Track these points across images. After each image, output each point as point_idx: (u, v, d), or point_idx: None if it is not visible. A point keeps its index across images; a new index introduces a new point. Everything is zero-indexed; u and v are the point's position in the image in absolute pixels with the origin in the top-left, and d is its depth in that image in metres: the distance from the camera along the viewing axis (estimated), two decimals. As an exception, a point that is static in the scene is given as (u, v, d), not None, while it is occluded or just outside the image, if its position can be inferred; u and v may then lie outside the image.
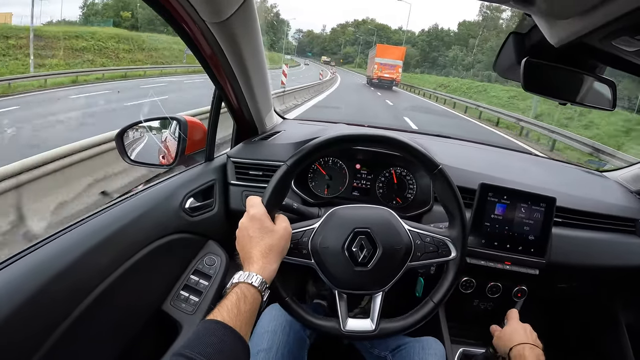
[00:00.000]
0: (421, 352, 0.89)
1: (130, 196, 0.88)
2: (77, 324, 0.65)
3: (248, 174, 1.10)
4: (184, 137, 1.05)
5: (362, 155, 1.17)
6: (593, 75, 0.83)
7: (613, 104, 0.86)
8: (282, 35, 75.73)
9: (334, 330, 0.76)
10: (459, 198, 0.77)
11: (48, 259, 0.65)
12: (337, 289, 0.77)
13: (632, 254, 1.17)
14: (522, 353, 0.79)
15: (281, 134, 1.26)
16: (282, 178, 0.74)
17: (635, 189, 1.32)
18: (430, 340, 0.93)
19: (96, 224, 0.76)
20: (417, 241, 0.78)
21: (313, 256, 0.76)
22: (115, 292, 0.74)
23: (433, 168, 0.77)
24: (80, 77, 15.52)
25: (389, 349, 0.95)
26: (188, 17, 0.73)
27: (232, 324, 0.55)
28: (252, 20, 0.82)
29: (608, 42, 0.62)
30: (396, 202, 1.18)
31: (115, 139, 1.05)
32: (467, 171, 1.13)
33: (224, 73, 0.91)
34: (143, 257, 0.82)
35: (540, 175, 1.29)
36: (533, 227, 1.03)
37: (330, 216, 0.79)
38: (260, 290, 0.62)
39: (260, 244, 0.67)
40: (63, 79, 14.70)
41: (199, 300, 0.92)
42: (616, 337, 1.34)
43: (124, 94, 12.06)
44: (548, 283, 1.17)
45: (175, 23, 0.74)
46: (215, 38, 0.79)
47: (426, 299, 0.81)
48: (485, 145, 1.65)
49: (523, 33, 0.83)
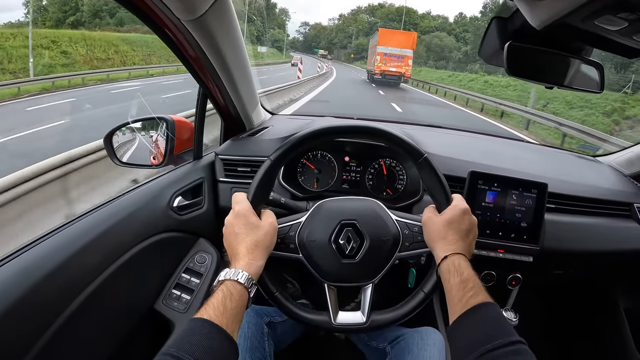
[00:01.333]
0: (420, 343, 0.88)
1: (118, 196, 0.89)
2: (68, 324, 0.66)
3: (236, 170, 1.11)
4: (172, 136, 1.05)
5: (350, 147, 1.17)
6: (579, 57, 0.82)
7: (601, 86, 0.86)
8: (273, 24, 68.19)
9: (325, 324, 0.76)
10: (446, 186, 0.76)
11: (38, 260, 0.66)
12: (326, 282, 0.77)
13: (628, 238, 1.15)
14: (458, 264, 0.66)
15: (269, 129, 1.25)
16: (267, 173, 0.74)
17: (629, 172, 1.31)
18: (429, 330, 0.92)
19: (85, 224, 0.77)
20: (405, 231, 0.78)
21: (300, 250, 0.76)
22: (106, 292, 0.75)
23: (418, 157, 0.77)
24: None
25: (387, 341, 0.95)
26: (164, 15, 0.73)
27: (219, 321, 0.55)
28: (229, 15, 0.81)
29: (591, 22, 0.61)
30: (386, 194, 1.18)
31: (104, 141, 1.05)
32: (457, 160, 1.12)
33: (206, 71, 0.91)
34: (133, 257, 0.82)
35: (532, 162, 1.28)
36: (525, 213, 1.02)
37: (316, 209, 0.79)
38: (247, 286, 0.62)
39: (246, 240, 0.67)
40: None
41: (190, 299, 0.93)
42: (615, 322, 1.33)
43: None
44: (543, 270, 1.16)
45: (151, 23, 0.74)
46: (193, 36, 0.78)
47: (417, 289, 0.80)
48: (476, 133, 1.64)
49: (505, 17, 0.82)
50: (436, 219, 0.73)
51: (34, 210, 2.26)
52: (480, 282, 0.64)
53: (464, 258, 0.67)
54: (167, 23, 0.75)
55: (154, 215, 0.91)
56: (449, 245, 0.69)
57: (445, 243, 0.70)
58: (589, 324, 1.47)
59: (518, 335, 0.56)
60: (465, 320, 0.60)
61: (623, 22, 0.57)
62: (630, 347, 1.29)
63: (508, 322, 0.59)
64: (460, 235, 0.71)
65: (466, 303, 0.61)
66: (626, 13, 0.54)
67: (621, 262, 1.24)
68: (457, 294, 0.63)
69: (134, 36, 22.56)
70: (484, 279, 1.08)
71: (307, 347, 1.27)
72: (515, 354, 0.53)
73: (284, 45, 71.61)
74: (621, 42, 0.66)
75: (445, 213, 0.73)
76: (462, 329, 0.60)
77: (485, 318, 0.59)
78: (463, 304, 0.61)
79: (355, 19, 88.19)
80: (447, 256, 0.68)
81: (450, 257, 0.67)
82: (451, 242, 0.70)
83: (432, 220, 0.74)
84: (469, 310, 0.60)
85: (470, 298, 0.61)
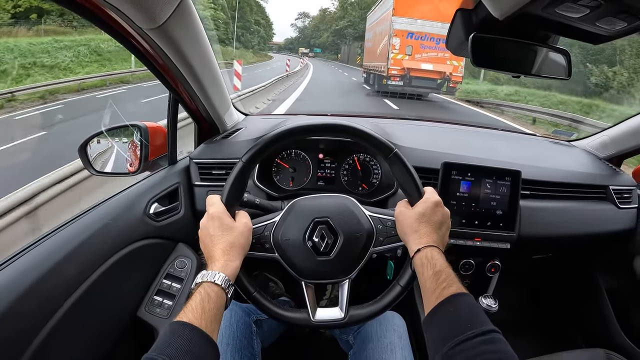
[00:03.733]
0: (379, 329, 0.89)
1: (93, 207, 0.88)
2: (50, 338, 0.66)
3: (211, 173, 1.11)
4: (145, 143, 1.04)
5: (324, 144, 1.17)
6: (546, 45, 0.83)
7: (568, 72, 0.86)
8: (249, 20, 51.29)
9: (304, 322, 0.77)
10: (417, 179, 0.77)
11: (15, 277, 0.65)
12: (303, 279, 0.78)
13: (604, 220, 1.17)
14: (430, 257, 0.66)
15: (242, 130, 1.25)
16: (239, 174, 0.74)
17: (603, 155, 1.32)
18: (389, 315, 0.93)
19: (61, 237, 0.77)
20: (379, 226, 0.78)
21: (276, 249, 0.76)
22: (87, 303, 0.75)
23: (388, 152, 0.77)
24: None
25: (351, 332, 0.96)
26: (126, 25, 0.72)
27: (198, 323, 0.55)
28: (192, 21, 0.80)
29: (552, 10, 0.61)
30: (362, 189, 1.18)
31: (78, 152, 1.04)
32: (430, 152, 1.13)
33: (174, 77, 0.90)
34: (112, 266, 0.83)
35: (507, 150, 1.29)
36: (500, 201, 1.04)
37: (290, 208, 0.79)
38: (224, 287, 0.62)
39: (221, 242, 0.67)
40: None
41: (172, 304, 0.93)
42: (597, 304, 1.36)
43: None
44: (522, 256, 1.18)
45: (114, 32, 0.74)
46: (157, 44, 0.78)
47: (393, 282, 0.81)
48: (449, 124, 1.64)
49: (470, 9, 0.82)
50: (408, 213, 0.73)
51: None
52: (453, 273, 0.64)
53: (437, 250, 0.67)
54: (131, 32, 0.74)
55: (130, 224, 0.91)
56: (422, 238, 0.69)
57: (417, 236, 0.70)
58: (572, 306, 1.50)
59: (492, 325, 0.56)
60: (438, 312, 0.60)
61: (584, 8, 0.57)
62: (614, 326, 1.32)
63: (482, 311, 0.59)
64: (433, 228, 0.71)
65: (440, 295, 0.61)
66: (586, 0, 0.54)
67: (599, 244, 1.27)
68: (430, 286, 0.63)
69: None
70: (462, 267, 1.10)
71: (293, 342, 1.28)
72: (489, 343, 0.53)
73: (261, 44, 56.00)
74: (585, 28, 0.66)
75: (417, 206, 0.73)
76: (436, 321, 0.60)
77: (459, 309, 0.59)
78: (437, 295, 0.61)
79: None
80: (420, 249, 0.68)
81: (423, 250, 0.67)
82: (423, 234, 0.70)
83: (404, 214, 0.74)
84: (443, 301, 0.60)
85: (444, 290, 0.61)
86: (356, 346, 0.92)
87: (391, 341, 0.86)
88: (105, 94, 11.50)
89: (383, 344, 0.86)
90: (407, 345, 0.89)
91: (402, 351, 0.86)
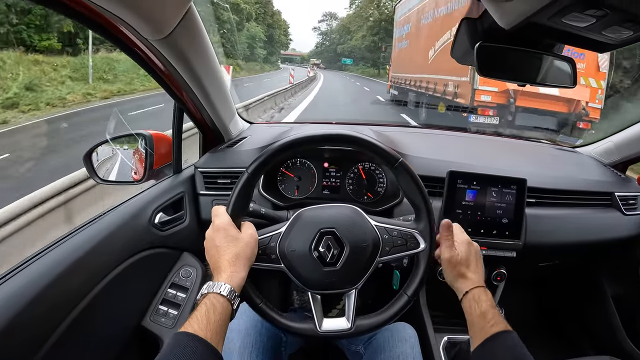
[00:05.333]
0: (391, 340, 0.89)
1: (99, 217, 0.88)
2: (56, 348, 0.66)
3: (216, 182, 1.11)
4: (150, 151, 1.04)
5: (328, 153, 1.17)
6: (551, 54, 0.83)
7: (574, 80, 0.86)
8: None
9: (310, 332, 0.77)
10: (423, 189, 0.77)
11: (21, 287, 0.65)
12: (310, 290, 0.77)
13: (611, 227, 1.17)
14: (477, 298, 0.73)
15: (247, 139, 1.25)
16: (244, 186, 0.74)
17: (608, 162, 1.32)
18: (400, 325, 0.93)
19: (67, 247, 0.77)
20: (385, 236, 0.78)
21: (282, 260, 0.76)
22: (93, 313, 0.75)
23: (394, 162, 0.76)
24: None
25: (361, 342, 0.96)
26: (132, 37, 0.72)
27: (203, 334, 0.55)
28: (197, 31, 0.81)
29: (559, 20, 0.61)
30: (367, 197, 1.18)
31: (83, 160, 1.04)
32: (436, 160, 1.13)
33: (180, 86, 0.90)
34: (117, 276, 0.82)
35: (512, 158, 1.29)
36: (506, 210, 1.03)
37: (296, 219, 0.79)
38: (230, 298, 0.62)
39: (227, 253, 0.67)
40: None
41: (177, 313, 0.93)
42: (603, 311, 1.35)
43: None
44: (528, 264, 1.17)
45: (121, 44, 0.74)
46: (163, 54, 0.78)
47: (399, 292, 0.81)
48: (454, 131, 1.64)
49: (475, 18, 0.82)
50: (452, 262, 0.78)
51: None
52: (498, 311, 0.71)
53: (482, 290, 0.74)
54: (137, 43, 0.75)
55: (136, 233, 0.91)
56: (467, 281, 0.76)
57: (463, 280, 0.76)
58: (578, 313, 1.49)
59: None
60: (485, 347, 0.67)
61: (590, 18, 0.57)
62: (620, 333, 1.31)
63: (524, 347, 0.65)
64: (472, 269, 0.77)
65: (486, 332, 0.67)
66: (592, 10, 0.54)
67: (605, 251, 1.26)
68: (478, 324, 0.70)
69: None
70: None
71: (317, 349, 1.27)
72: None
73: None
74: (591, 37, 0.66)
75: (458, 253, 0.78)
76: (483, 356, 0.67)
77: (504, 345, 0.66)
78: (484, 333, 0.68)
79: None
80: (467, 291, 0.74)
81: (470, 292, 0.74)
82: (468, 277, 0.76)
83: (449, 263, 0.79)
84: (489, 338, 0.67)
85: (490, 327, 0.67)
86: (367, 356, 0.91)
87: (403, 351, 0.86)
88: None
89: (395, 354, 0.86)
90: (419, 355, 0.89)
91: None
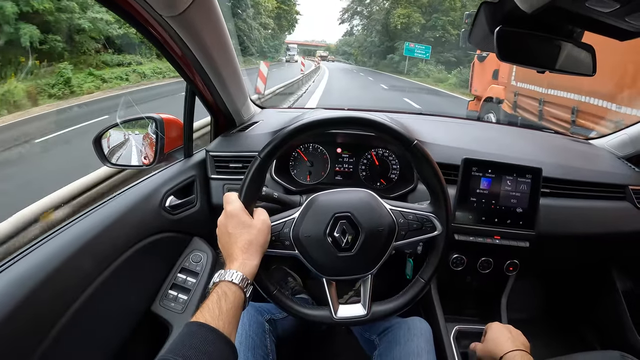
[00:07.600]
0: (407, 334, 0.89)
1: (109, 199, 0.87)
2: (66, 331, 0.66)
3: (228, 167, 1.09)
4: (161, 135, 1.03)
5: (342, 138, 1.15)
6: (571, 41, 0.81)
7: (593, 69, 0.85)
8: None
9: (326, 319, 0.76)
10: (438, 171, 0.75)
11: (32, 268, 0.65)
12: (324, 276, 0.76)
13: (623, 220, 1.15)
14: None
15: (259, 124, 1.24)
16: (256, 171, 0.73)
17: (622, 154, 1.30)
18: (415, 320, 0.93)
19: (77, 229, 0.76)
20: (400, 219, 0.77)
21: (296, 246, 0.74)
22: (102, 296, 0.75)
23: (408, 144, 0.75)
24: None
25: (377, 332, 0.95)
26: (145, 13, 0.71)
27: (215, 324, 0.54)
28: (213, 10, 0.79)
29: (582, 4, 0.60)
30: (380, 184, 1.17)
31: (93, 144, 1.03)
32: (450, 147, 1.12)
33: (192, 67, 0.89)
34: (127, 259, 0.82)
35: (526, 147, 1.27)
36: (520, 199, 1.02)
37: (309, 204, 0.77)
38: (242, 286, 0.61)
39: (239, 240, 0.66)
40: None
41: (187, 299, 0.92)
42: (613, 305, 1.34)
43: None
44: (540, 255, 1.16)
45: (133, 21, 0.73)
46: (177, 32, 0.76)
47: (415, 277, 0.80)
48: (468, 120, 1.62)
49: (495, 2, 0.80)
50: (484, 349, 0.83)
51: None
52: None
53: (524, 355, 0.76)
54: (150, 20, 0.73)
55: (146, 216, 0.90)
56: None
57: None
58: (587, 307, 1.49)
59: None
60: None
61: (615, 3, 0.56)
62: (629, 328, 1.30)
63: None
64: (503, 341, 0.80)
65: None
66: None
67: (617, 244, 1.25)
68: None
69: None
70: (481, 265, 1.08)
71: (308, 340, 1.27)
72: None
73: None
74: (613, 24, 0.65)
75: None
76: None
77: None
78: None
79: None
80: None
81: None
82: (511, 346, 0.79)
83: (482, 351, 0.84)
84: None
85: None
86: (381, 348, 0.91)
87: (418, 345, 0.86)
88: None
89: (410, 347, 0.86)
90: (432, 350, 0.89)
91: (427, 355, 0.86)
